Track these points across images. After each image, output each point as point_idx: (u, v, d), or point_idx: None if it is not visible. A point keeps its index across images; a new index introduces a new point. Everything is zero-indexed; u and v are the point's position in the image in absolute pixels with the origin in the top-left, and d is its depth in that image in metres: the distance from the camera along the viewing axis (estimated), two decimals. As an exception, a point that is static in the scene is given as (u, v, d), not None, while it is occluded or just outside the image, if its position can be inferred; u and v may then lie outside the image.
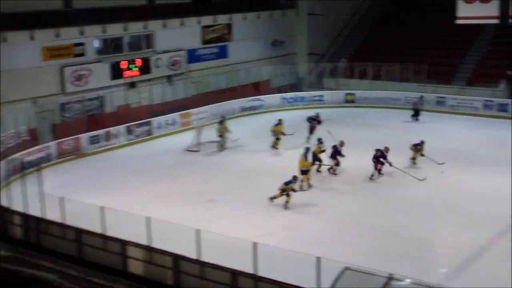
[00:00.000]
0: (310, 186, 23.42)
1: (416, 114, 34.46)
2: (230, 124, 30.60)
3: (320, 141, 25.87)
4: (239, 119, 35.54)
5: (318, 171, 25.43)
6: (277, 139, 29.12)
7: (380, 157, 24.76)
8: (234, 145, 29.86)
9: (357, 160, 26.43)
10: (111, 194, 23.18)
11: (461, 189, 23.46)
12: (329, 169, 25.52)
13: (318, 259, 14.01)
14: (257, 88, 39.00)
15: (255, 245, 14.91)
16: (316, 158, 25.25)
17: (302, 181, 23.07)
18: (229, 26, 39.84)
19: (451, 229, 19.74)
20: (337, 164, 25.41)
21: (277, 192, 21.68)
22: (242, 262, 15.22)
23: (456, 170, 25.43)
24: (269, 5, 42.10)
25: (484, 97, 35.87)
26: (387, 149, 25.02)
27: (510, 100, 35.19)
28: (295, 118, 34.66)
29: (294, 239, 18.68)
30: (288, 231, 19.76)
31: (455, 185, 23.86)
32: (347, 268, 13.91)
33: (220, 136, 29.59)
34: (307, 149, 23.86)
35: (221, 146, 29.46)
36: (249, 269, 15.05)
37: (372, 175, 24.72)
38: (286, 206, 21.70)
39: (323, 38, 44.48)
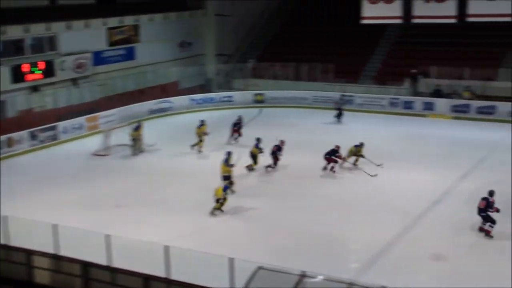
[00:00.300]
0: (233, 192, 22.65)
1: (339, 115, 34.59)
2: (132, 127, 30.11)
3: (259, 140, 25.90)
4: (148, 121, 35.00)
5: (266, 167, 25.70)
6: (200, 141, 28.82)
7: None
8: (146, 148, 29.39)
9: (262, 160, 26.70)
10: (14, 202, 22.23)
11: (371, 185, 23.88)
12: (266, 166, 25.66)
13: (231, 260, 13.98)
14: (166, 90, 38.58)
15: (167, 248, 14.71)
16: (254, 158, 25.51)
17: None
18: (135, 28, 39.25)
19: (362, 225, 20.05)
20: (276, 162, 25.63)
21: (216, 203, 21.04)
22: (154, 266, 15.00)
23: (363, 167, 25.77)
24: (177, 6, 41.73)
25: (390, 95, 36.81)
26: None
27: (414, 97, 36.27)
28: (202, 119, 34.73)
29: (206, 241, 18.49)
30: (200, 233, 19.56)
31: (366, 182, 24.25)
32: (260, 268, 13.93)
33: (134, 140, 29.01)
34: (229, 154, 23.36)
35: (137, 150, 28.89)
36: (161, 273, 14.83)
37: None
38: (214, 212, 21.07)
39: (231, 38, 44.51)
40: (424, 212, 20.70)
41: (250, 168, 25.58)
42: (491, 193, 18.89)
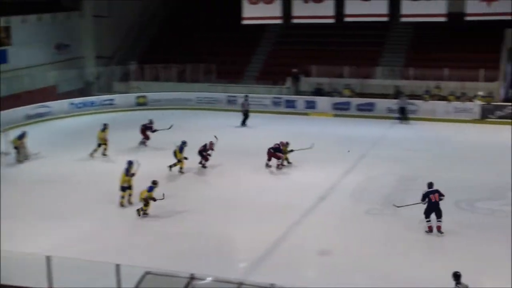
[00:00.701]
0: (130, 203, 21.59)
1: (245, 118, 33.91)
2: (16, 133, 28.75)
3: (184, 143, 25.41)
4: (26, 127, 33.58)
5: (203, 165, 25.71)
6: (100, 145, 27.80)
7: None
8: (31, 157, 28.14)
9: (148, 164, 26.24)
10: None
11: (256, 185, 23.87)
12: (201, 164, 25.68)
13: (118, 266, 13.52)
14: (43, 94, 37.14)
15: (48, 258, 14.04)
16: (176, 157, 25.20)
17: (122, 197, 21.59)
18: (7, 29, 37.53)
19: (249, 224, 19.95)
20: (206, 160, 25.67)
21: (141, 204, 20.43)
22: (37, 278, 14.30)
23: (248, 166, 25.90)
24: (51, 7, 40.30)
25: (273, 94, 37.19)
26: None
27: (296, 96, 36.83)
28: (83, 123, 33.88)
29: (90, 250, 17.72)
30: (83, 242, 18.84)
31: (251, 182, 24.26)
32: (148, 273, 13.57)
33: (17, 149, 27.60)
34: (130, 163, 22.09)
35: (22, 158, 27.51)
36: (44, 284, 14.16)
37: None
38: (141, 213, 20.53)
39: (110, 40, 43.56)
40: (310, 208, 20.94)
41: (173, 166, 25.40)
42: (431, 184, 18.74)
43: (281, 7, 34.95)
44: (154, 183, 20.53)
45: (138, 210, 20.54)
